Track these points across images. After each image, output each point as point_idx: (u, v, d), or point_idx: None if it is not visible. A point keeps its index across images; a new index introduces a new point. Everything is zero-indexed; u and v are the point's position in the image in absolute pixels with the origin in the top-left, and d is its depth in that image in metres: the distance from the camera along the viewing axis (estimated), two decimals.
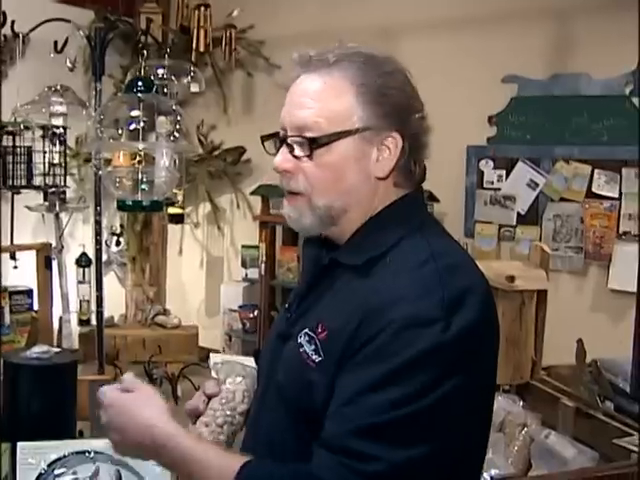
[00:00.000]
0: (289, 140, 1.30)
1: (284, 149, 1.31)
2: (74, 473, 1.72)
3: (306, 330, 1.28)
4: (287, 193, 1.33)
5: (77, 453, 1.76)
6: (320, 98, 1.27)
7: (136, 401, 1.31)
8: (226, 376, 1.46)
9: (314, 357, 1.25)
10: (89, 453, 1.76)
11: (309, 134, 1.27)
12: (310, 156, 1.27)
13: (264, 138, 1.38)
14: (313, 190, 1.29)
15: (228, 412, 1.40)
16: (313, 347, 1.25)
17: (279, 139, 1.33)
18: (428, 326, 1.16)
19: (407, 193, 1.33)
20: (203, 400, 1.43)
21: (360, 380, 1.18)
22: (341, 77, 1.27)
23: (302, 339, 1.28)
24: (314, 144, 1.27)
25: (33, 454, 1.71)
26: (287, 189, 1.32)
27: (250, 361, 1.57)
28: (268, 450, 1.32)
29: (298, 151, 1.29)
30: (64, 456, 1.71)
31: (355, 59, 1.28)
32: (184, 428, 1.30)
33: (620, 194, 4.35)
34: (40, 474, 1.70)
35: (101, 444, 1.75)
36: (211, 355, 1.69)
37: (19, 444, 1.72)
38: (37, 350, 2.22)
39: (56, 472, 1.72)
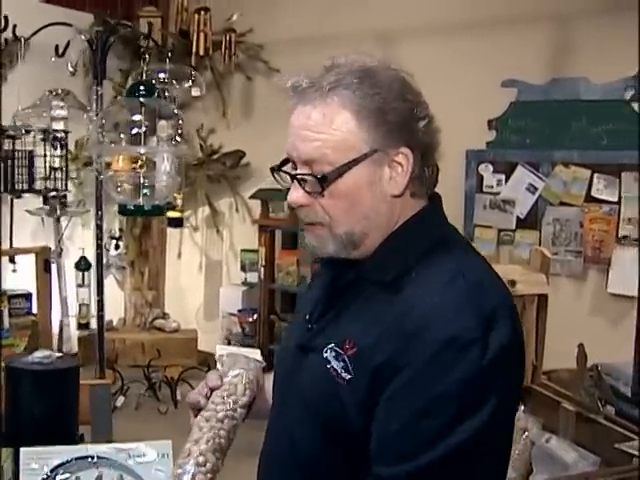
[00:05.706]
0: (299, 177, 1.27)
1: (296, 184, 1.28)
2: (77, 478, 1.71)
3: (332, 345, 1.27)
4: (306, 223, 1.31)
5: (80, 458, 1.74)
6: (322, 130, 1.24)
7: None
8: (229, 368, 1.42)
9: (344, 375, 1.23)
10: (92, 458, 1.74)
11: (318, 169, 1.24)
12: (322, 193, 1.25)
13: (273, 170, 1.35)
14: (332, 220, 1.27)
15: (229, 406, 1.36)
16: (342, 364, 1.24)
17: (289, 175, 1.30)
18: (466, 349, 1.15)
19: (425, 206, 1.31)
20: (205, 392, 1.39)
21: (404, 410, 1.17)
22: (339, 105, 1.24)
23: (328, 354, 1.27)
24: (324, 181, 1.24)
25: (36, 459, 1.70)
26: (306, 221, 1.30)
27: (256, 353, 1.54)
28: (293, 459, 1.32)
29: (309, 187, 1.26)
30: (67, 461, 1.70)
31: (349, 81, 1.24)
32: None
33: (619, 198, 4.34)
34: (43, 479, 1.69)
35: (104, 449, 1.74)
36: (217, 346, 1.62)
37: (22, 449, 1.71)
38: (39, 355, 2.21)
39: (59, 477, 1.70)
